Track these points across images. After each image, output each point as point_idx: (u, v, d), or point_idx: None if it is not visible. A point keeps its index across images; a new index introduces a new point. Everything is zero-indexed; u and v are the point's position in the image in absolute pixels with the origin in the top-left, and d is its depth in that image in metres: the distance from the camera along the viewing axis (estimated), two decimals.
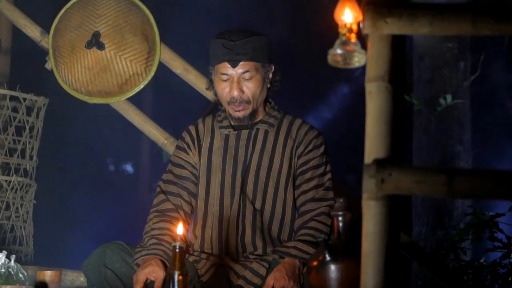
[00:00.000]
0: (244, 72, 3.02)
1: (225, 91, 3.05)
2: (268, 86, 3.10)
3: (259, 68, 3.05)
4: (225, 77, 3.04)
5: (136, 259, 2.93)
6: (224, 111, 3.15)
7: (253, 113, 3.08)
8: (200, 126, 3.17)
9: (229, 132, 3.10)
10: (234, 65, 3.02)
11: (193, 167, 3.12)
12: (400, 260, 1.64)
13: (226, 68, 3.03)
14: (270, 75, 3.10)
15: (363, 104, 1.67)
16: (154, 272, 2.84)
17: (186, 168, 3.12)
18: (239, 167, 3.06)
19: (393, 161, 1.63)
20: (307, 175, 3.05)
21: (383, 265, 1.61)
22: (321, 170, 3.06)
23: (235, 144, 3.09)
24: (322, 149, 3.08)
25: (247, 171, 3.06)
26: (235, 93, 3.02)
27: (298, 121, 3.13)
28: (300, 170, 3.06)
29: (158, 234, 2.97)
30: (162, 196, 3.09)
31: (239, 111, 3.05)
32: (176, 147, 3.20)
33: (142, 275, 2.83)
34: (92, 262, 2.95)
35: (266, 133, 3.10)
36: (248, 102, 3.04)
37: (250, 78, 3.03)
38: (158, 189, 3.13)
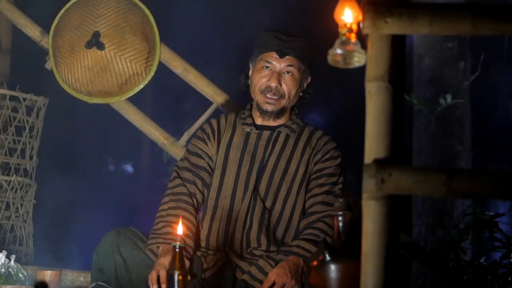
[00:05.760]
0: (288, 66, 3.09)
1: (264, 79, 3.10)
2: (300, 94, 3.15)
3: (301, 70, 3.12)
4: (268, 65, 3.10)
5: (150, 244, 2.95)
6: (249, 109, 3.19)
7: (281, 111, 3.12)
8: (222, 120, 3.22)
9: (251, 130, 3.15)
10: (281, 56, 3.08)
11: (210, 158, 3.15)
12: (400, 260, 1.64)
13: (272, 58, 3.09)
14: (305, 84, 3.16)
15: (363, 104, 1.67)
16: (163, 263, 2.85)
17: (203, 158, 3.15)
18: (255, 165, 3.10)
19: (393, 161, 1.63)
20: (320, 181, 3.09)
21: (383, 265, 1.61)
22: (334, 179, 3.11)
23: (255, 143, 3.13)
24: (338, 161, 3.14)
25: (263, 170, 3.10)
26: (273, 83, 3.08)
27: (318, 132, 3.19)
28: (314, 176, 3.11)
29: (174, 222, 2.97)
30: (178, 180, 3.13)
31: (270, 103, 3.10)
32: (195, 136, 3.24)
33: (166, 262, 2.83)
34: (104, 243, 2.98)
35: (287, 137, 3.14)
36: (282, 96, 3.10)
37: (291, 74, 3.09)
38: (174, 174, 3.16)
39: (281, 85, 3.08)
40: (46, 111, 4.48)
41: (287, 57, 3.08)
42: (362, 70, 1.71)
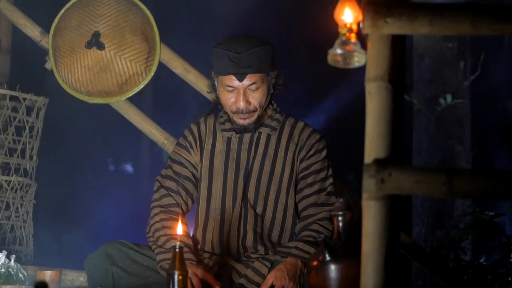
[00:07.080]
0: (250, 84, 3.00)
1: (230, 101, 3.02)
2: (272, 91, 3.08)
3: (265, 78, 3.03)
4: (230, 88, 3.01)
5: (161, 261, 2.93)
6: (227, 112, 3.13)
7: (258, 119, 3.06)
8: (202, 126, 3.15)
9: (231, 135, 3.09)
10: (240, 79, 2.98)
11: (194, 167, 3.11)
12: (400, 260, 1.64)
13: (231, 81, 3.00)
14: (274, 81, 3.07)
15: (363, 104, 1.67)
16: (195, 273, 2.86)
17: (186, 167, 3.11)
18: (241, 171, 3.05)
19: (393, 161, 1.63)
20: (309, 180, 3.04)
21: (383, 265, 1.61)
22: (323, 174, 3.06)
23: (237, 148, 3.08)
24: (324, 153, 3.08)
25: (249, 175, 3.05)
26: (241, 104, 3.00)
27: (300, 124, 3.12)
28: (302, 174, 3.05)
29: (174, 235, 2.93)
30: (163, 191, 3.08)
31: (244, 119, 3.03)
32: (177, 144, 3.18)
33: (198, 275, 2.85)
34: (94, 257, 2.96)
35: (269, 137, 3.09)
36: (254, 110, 3.03)
37: (256, 89, 3.01)
38: (157, 184, 3.11)
39: (249, 103, 3.01)
40: (46, 111, 4.48)
41: (246, 76, 2.98)
42: (362, 70, 1.71)
